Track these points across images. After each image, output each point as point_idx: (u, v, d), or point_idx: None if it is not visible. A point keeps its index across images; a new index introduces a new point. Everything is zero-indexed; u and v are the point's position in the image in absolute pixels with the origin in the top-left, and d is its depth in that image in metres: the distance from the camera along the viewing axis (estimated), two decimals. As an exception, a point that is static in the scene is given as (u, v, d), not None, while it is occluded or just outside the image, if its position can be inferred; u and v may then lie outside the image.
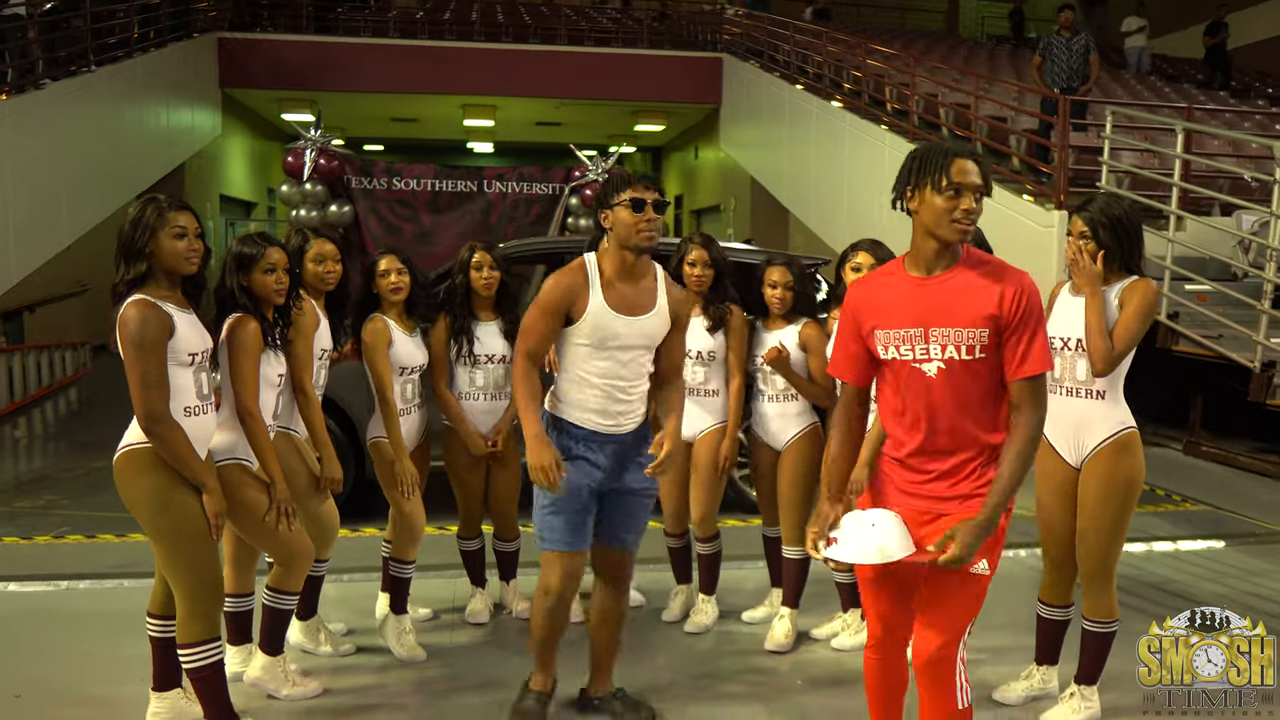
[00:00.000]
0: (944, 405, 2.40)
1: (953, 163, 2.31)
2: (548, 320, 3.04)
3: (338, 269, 3.74)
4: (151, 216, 2.86)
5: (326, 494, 3.57)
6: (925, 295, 2.40)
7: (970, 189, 2.31)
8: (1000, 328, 2.35)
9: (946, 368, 2.38)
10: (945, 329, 2.37)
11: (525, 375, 3.04)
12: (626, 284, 3.07)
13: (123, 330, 2.80)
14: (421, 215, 11.37)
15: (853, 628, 4.01)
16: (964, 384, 2.39)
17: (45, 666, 3.77)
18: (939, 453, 2.44)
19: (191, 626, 2.91)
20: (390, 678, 3.71)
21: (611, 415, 3.11)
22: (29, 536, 5.58)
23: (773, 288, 3.89)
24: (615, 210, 3.02)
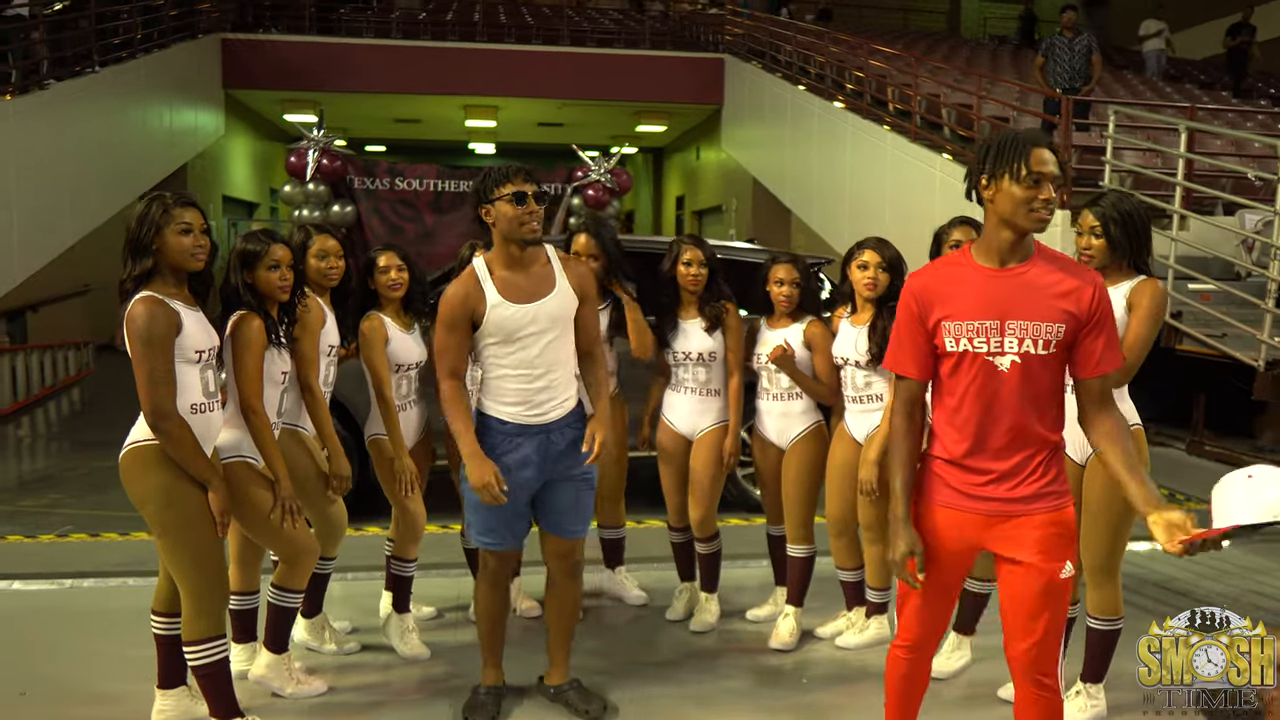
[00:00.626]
0: (1012, 401, 2.33)
1: (1032, 152, 2.26)
2: (455, 334, 3.09)
3: (340, 265, 3.74)
4: (157, 213, 2.86)
5: (339, 494, 3.58)
6: (1000, 287, 2.33)
7: (1049, 178, 2.27)
8: (1079, 324, 2.31)
9: (1022, 362, 2.31)
10: (1023, 322, 2.30)
11: (453, 395, 3.10)
12: (518, 274, 3.11)
13: (130, 327, 2.80)
14: (424, 215, 11.39)
15: (857, 626, 4.01)
16: (1037, 379, 2.33)
17: (50, 664, 3.77)
18: (1000, 451, 2.37)
19: (197, 624, 2.92)
20: (394, 676, 3.72)
21: (536, 405, 3.14)
22: (33, 535, 5.58)
23: (779, 285, 3.89)
24: (496, 205, 3.06)
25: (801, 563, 4.01)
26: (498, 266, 3.13)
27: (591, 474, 3.31)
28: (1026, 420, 2.34)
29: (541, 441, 3.17)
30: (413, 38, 17.38)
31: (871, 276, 3.67)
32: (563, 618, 3.41)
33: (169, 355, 2.82)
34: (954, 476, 2.42)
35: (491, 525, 3.22)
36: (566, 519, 3.30)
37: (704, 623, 4.16)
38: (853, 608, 4.07)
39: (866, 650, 3.94)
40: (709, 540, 4.15)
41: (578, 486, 3.29)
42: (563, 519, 3.30)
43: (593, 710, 3.35)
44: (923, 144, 10.67)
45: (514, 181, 3.04)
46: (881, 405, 3.74)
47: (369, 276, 3.81)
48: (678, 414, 4.09)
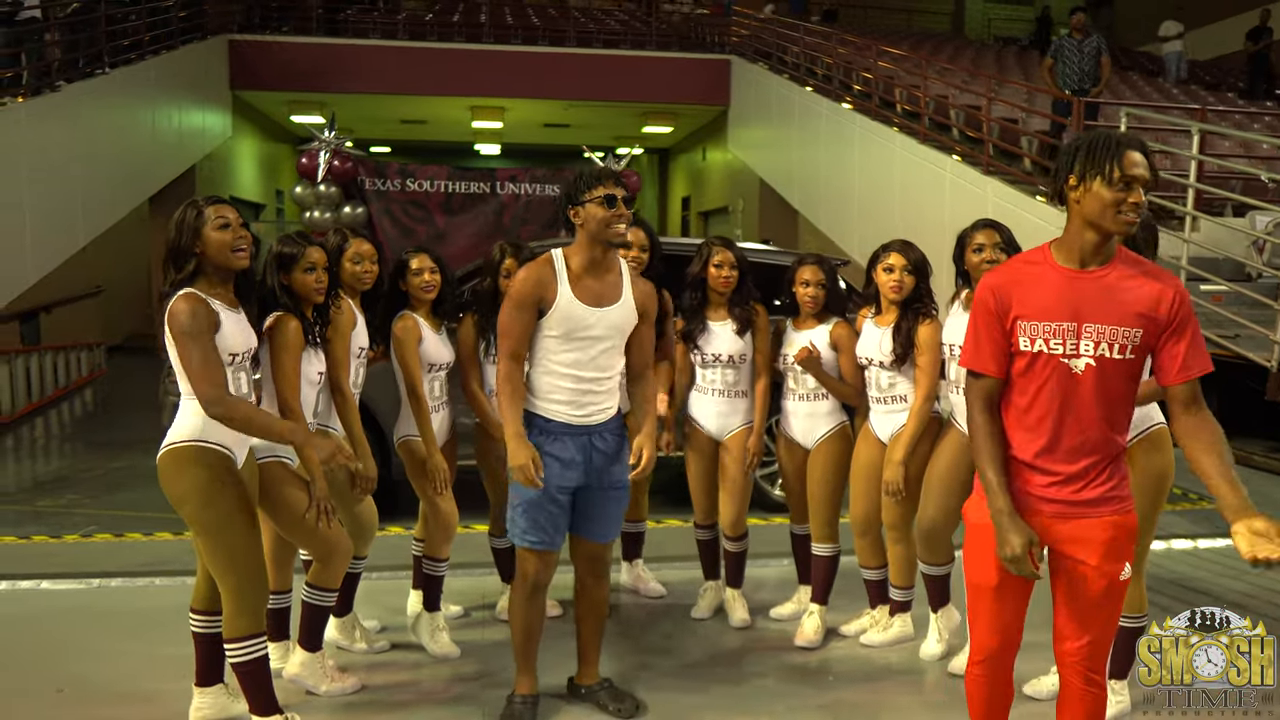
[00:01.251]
0: (1085, 404, 2.33)
1: (1124, 155, 2.25)
2: (522, 315, 3.13)
3: (374, 269, 3.78)
4: (191, 216, 2.90)
5: (364, 493, 3.61)
6: (1080, 289, 2.31)
7: (1140, 181, 2.25)
8: (1159, 329, 2.29)
9: (1097, 365, 2.31)
10: (1100, 325, 2.29)
11: (509, 375, 3.14)
12: (593, 277, 3.16)
13: (172, 322, 2.83)
14: (435, 216, 11.43)
15: (881, 624, 4.05)
16: (1111, 383, 2.33)
17: (82, 663, 3.81)
18: (1070, 454, 2.37)
19: (238, 621, 2.95)
20: (425, 674, 3.75)
21: (582, 406, 3.18)
22: (58, 535, 5.62)
23: (805, 286, 3.92)
24: (587, 207, 3.10)
25: (826, 561, 4.04)
26: (575, 264, 3.17)
27: (626, 482, 3.34)
28: (1097, 424, 2.35)
29: (585, 444, 3.21)
30: (419, 39, 17.40)
31: (897, 279, 3.70)
32: (592, 619, 3.44)
33: (212, 343, 2.85)
34: (1022, 477, 2.42)
35: (536, 523, 3.20)
36: (600, 524, 3.33)
37: (742, 619, 4.19)
38: (876, 606, 4.10)
39: (890, 648, 3.97)
40: (739, 539, 4.19)
41: (615, 494, 3.32)
42: (596, 524, 3.32)
43: (625, 709, 3.38)
44: (932, 145, 10.70)
45: (605, 185, 3.10)
46: (905, 406, 3.77)
47: (400, 278, 3.84)
48: (705, 415, 4.12)
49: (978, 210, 9.49)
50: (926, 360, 3.70)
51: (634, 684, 3.62)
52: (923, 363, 3.71)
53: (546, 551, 3.26)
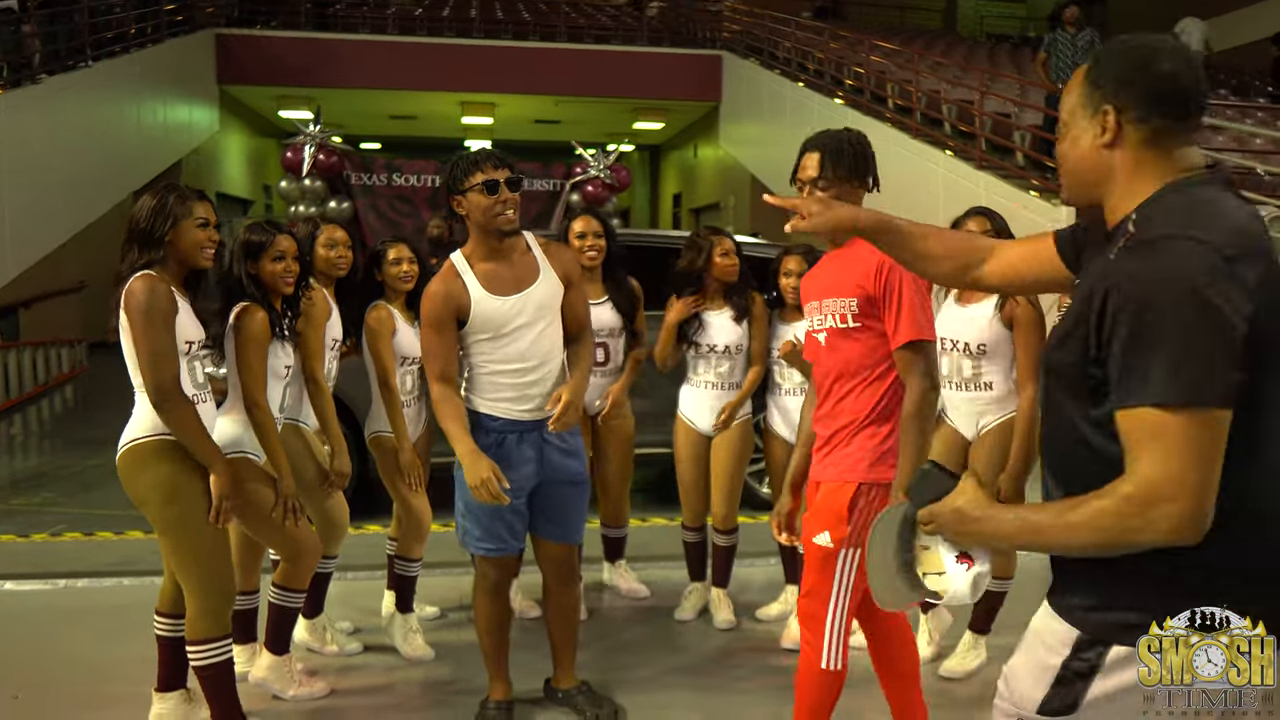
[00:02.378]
0: (828, 372, 2.59)
1: (801, 158, 2.61)
2: (443, 334, 2.93)
3: (349, 255, 3.67)
4: (175, 205, 2.78)
5: (336, 489, 3.49)
6: (827, 268, 2.64)
7: (808, 180, 2.59)
8: (874, 298, 2.47)
9: (829, 335, 2.56)
10: (831, 299, 2.56)
11: (444, 397, 2.92)
12: (500, 265, 2.96)
13: (130, 301, 2.71)
14: (421, 211, 11.31)
15: (870, 626, 3.93)
16: (843, 352, 2.54)
17: (44, 667, 3.68)
18: (823, 420, 2.61)
19: (201, 623, 2.83)
20: (398, 678, 3.63)
21: (528, 400, 3.01)
22: (25, 534, 5.48)
23: (787, 276, 3.81)
24: (468, 196, 2.90)
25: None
26: (477, 259, 2.97)
27: (584, 476, 3.20)
28: (838, 392, 2.57)
29: (536, 439, 3.04)
30: (409, 33, 17.27)
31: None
32: (562, 623, 3.30)
33: (171, 331, 2.73)
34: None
35: (492, 530, 3.04)
36: (560, 524, 3.17)
37: (727, 620, 4.08)
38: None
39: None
40: (729, 533, 4.09)
41: (573, 490, 3.16)
42: (557, 525, 3.17)
43: (603, 714, 3.25)
44: (924, 140, 10.60)
45: (484, 169, 2.88)
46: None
47: (376, 268, 3.73)
48: (699, 411, 4.01)
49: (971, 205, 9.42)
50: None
51: (613, 687, 3.50)
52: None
53: (503, 557, 3.12)
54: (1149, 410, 1.34)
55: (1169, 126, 1.47)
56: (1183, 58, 1.48)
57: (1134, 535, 1.37)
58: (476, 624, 3.24)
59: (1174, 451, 1.33)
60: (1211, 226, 1.38)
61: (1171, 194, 1.45)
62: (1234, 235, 1.38)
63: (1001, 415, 3.47)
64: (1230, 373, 1.33)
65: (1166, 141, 1.47)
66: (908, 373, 2.45)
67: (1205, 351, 1.33)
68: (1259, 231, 1.43)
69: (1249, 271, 1.35)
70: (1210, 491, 1.35)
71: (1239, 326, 1.33)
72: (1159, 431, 1.34)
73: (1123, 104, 1.47)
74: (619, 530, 4.37)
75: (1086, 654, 1.49)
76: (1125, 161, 1.49)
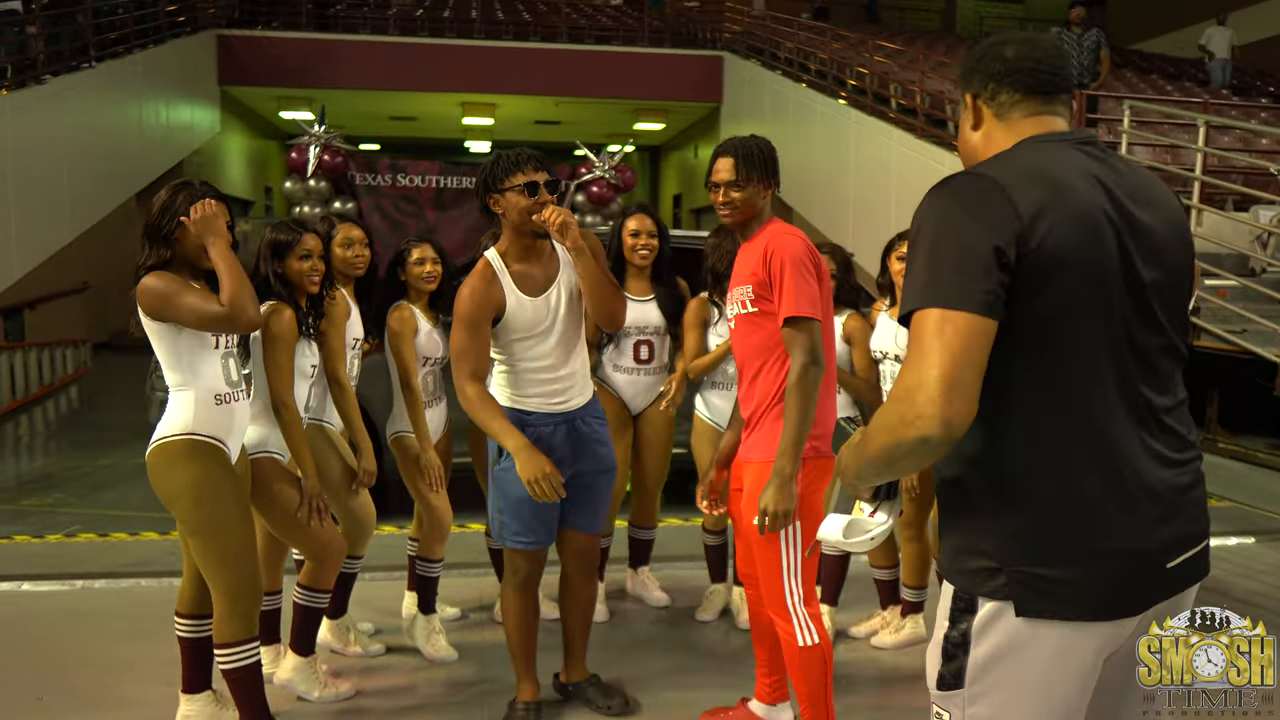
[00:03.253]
0: (738, 358, 2.90)
1: (714, 162, 2.88)
2: (479, 333, 2.93)
3: (366, 254, 3.65)
4: (183, 203, 2.75)
5: (362, 488, 3.48)
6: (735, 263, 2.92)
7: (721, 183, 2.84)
8: (765, 281, 2.70)
9: (735, 322, 2.84)
10: (734, 288, 2.85)
11: (482, 396, 2.92)
12: (533, 265, 3.01)
13: (142, 298, 2.69)
14: (426, 211, 11.33)
15: (892, 625, 3.93)
16: (748, 337, 2.80)
17: (65, 669, 3.66)
18: (742, 402, 2.90)
19: (230, 625, 2.81)
20: (422, 678, 3.62)
21: (560, 394, 3.05)
22: (40, 535, 5.45)
23: None
24: (506, 195, 2.91)
25: (836, 560, 3.92)
26: (511, 259, 3.00)
27: (611, 468, 3.21)
28: (749, 376, 2.84)
29: (567, 431, 3.07)
30: (410, 34, 17.24)
31: (912, 268, 3.59)
32: (578, 614, 3.30)
33: (184, 307, 2.67)
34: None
35: (529, 524, 3.05)
36: (586, 513, 3.19)
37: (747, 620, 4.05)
38: (887, 606, 3.98)
39: (902, 651, 3.86)
40: None
41: (601, 480, 3.19)
42: (583, 514, 3.18)
43: (615, 706, 3.27)
44: (929, 140, 10.60)
45: (525, 170, 2.90)
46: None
47: (400, 268, 3.71)
48: (720, 413, 3.97)
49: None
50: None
51: (634, 685, 3.50)
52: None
53: (539, 550, 3.13)
54: (913, 319, 1.45)
55: (1015, 99, 1.61)
56: (1029, 44, 1.64)
57: (898, 432, 1.42)
58: (505, 622, 3.22)
59: (925, 351, 1.41)
60: (1007, 166, 1.51)
61: (1013, 149, 1.58)
62: (1024, 173, 1.49)
63: None
64: (979, 281, 1.41)
65: (1014, 113, 1.62)
66: (790, 347, 2.66)
67: (952, 260, 1.43)
68: (1067, 177, 1.50)
69: (1022, 199, 1.44)
70: (962, 389, 1.39)
71: (991, 239, 1.42)
72: (917, 335, 1.43)
73: (976, 89, 1.64)
74: (648, 532, 4.33)
75: (960, 623, 1.53)
76: (983, 136, 1.65)
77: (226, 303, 2.67)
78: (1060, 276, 1.44)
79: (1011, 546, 1.49)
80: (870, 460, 1.51)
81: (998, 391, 1.44)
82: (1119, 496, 1.49)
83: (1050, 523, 1.48)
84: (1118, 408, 1.50)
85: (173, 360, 2.77)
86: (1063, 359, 1.46)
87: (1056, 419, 1.47)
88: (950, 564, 1.56)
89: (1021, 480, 1.48)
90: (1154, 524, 1.52)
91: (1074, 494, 1.48)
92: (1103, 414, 1.48)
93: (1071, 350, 1.46)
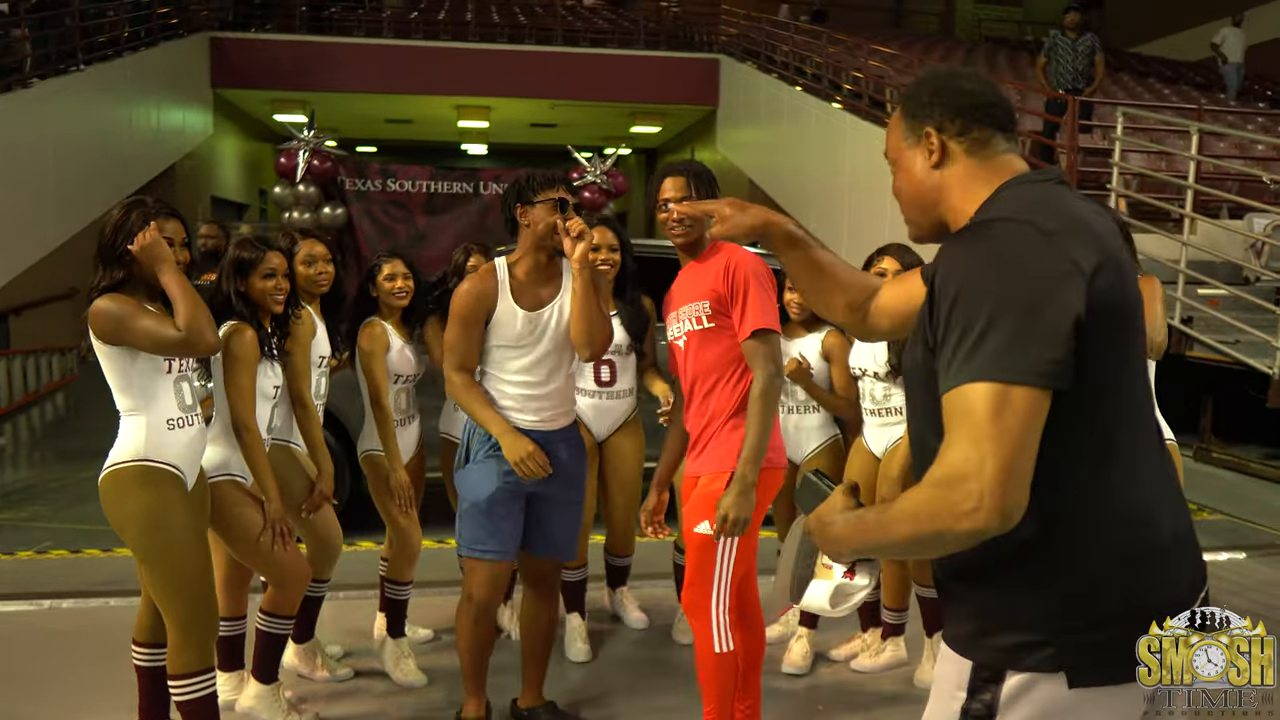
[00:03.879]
0: (687, 374, 2.93)
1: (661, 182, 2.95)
2: (471, 330, 2.99)
3: (330, 270, 3.56)
4: (136, 222, 2.67)
5: (328, 510, 3.40)
6: (683, 279, 2.96)
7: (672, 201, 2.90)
8: (725, 296, 2.77)
9: (686, 339, 2.87)
10: (685, 305, 2.87)
11: (467, 385, 3.01)
12: (538, 280, 3.04)
13: (95, 322, 2.62)
14: (416, 217, 11.21)
15: (872, 649, 3.85)
16: (701, 352, 2.85)
17: (21, 693, 3.57)
18: (692, 417, 2.94)
19: (184, 656, 2.73)
20: (390, 704, 3.53)
21: (536, 412, 3.05)
22: (11, 551, 5.37)
23: (790, 291, 3.72)
24: (536, 208, 2.97)
25: (815, 583, 3.84)
26: (520, 270, 3.03)
27: (579, 494, 3.20)
28: (700, 392, 2.88)
29: (542, 449, 3.02)
30: (404, 37, 17.21)
31: (891, 285, 3.51)
32: (536, 639, 3.26)
33: (141, 332, 2.61)
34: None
35: (488, 530, 3.01)
36: (550, 538, 3.15)
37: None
38: (868, 629, 3.90)
39: (883, 674, 3.78)
40: None
41: (569, 507, 3.17)
42: (548, 539, 3.15)
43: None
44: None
45: (559, 189, 2.97)
46: (901, 419, 3.57)
47: (370, 284, 3.63)
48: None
49: (970, 212, 9.33)
50: (922, 371, 3.51)
51: (601, 707, 3.42)
52: (918, 374, 3.52)
53: (498, 563, 3.06)
54: (958, 390, 1.28)
55: (989, 135, 1.50)
56: (978, 78, 1.55)
57: (942, 521, 1.27)
58: (459, 643, 3.16)
59: (979, 435, 1.25)
60: (1041, 212, 1.37)
61: (1008, 190, 1.46)
62: (1061, 219, 1.36)
63: None
64: (1047, 350, 1.26)
65: (988, 150, 1.50)
66: (753, 359, 2.73)
67: (1012, 326, 1.26)
68: (1095, 221, 1.40)
69: (1077, 250, 1.31)
70: (1020, 477, 1.26)
71: (1060, 299, 1.28)
72: (965, 411, 1.27)
73: (941, 122, 1.51)
74: (624, 559, 4.25)
75: (983, 694, 1.40)
76: (956, 174, 1.51)
77: (183, 327, 2.60)
78: (1114, 329, 1.33)
79: (1059, 614, 1.36)
80: (892, 544, 1.37)
81: (1043, 454, 1.29)
82: (1162, 543, 1.41)
83: (1105, 583, 1.36)
84: (1151, 450, 1.41)
85: (124, 384, 2.69)
86: (1111, 411, 1.35)
87: (1108, 472, 1.35)
88: (971, 640, 1.41)
89: (1072, 542, 1.35)
90: (1184, 565, 1.45)
91: (1127, 549, 1.37)
92: (1145, 460, 1.40)
93: (1117, 399, 1.36)
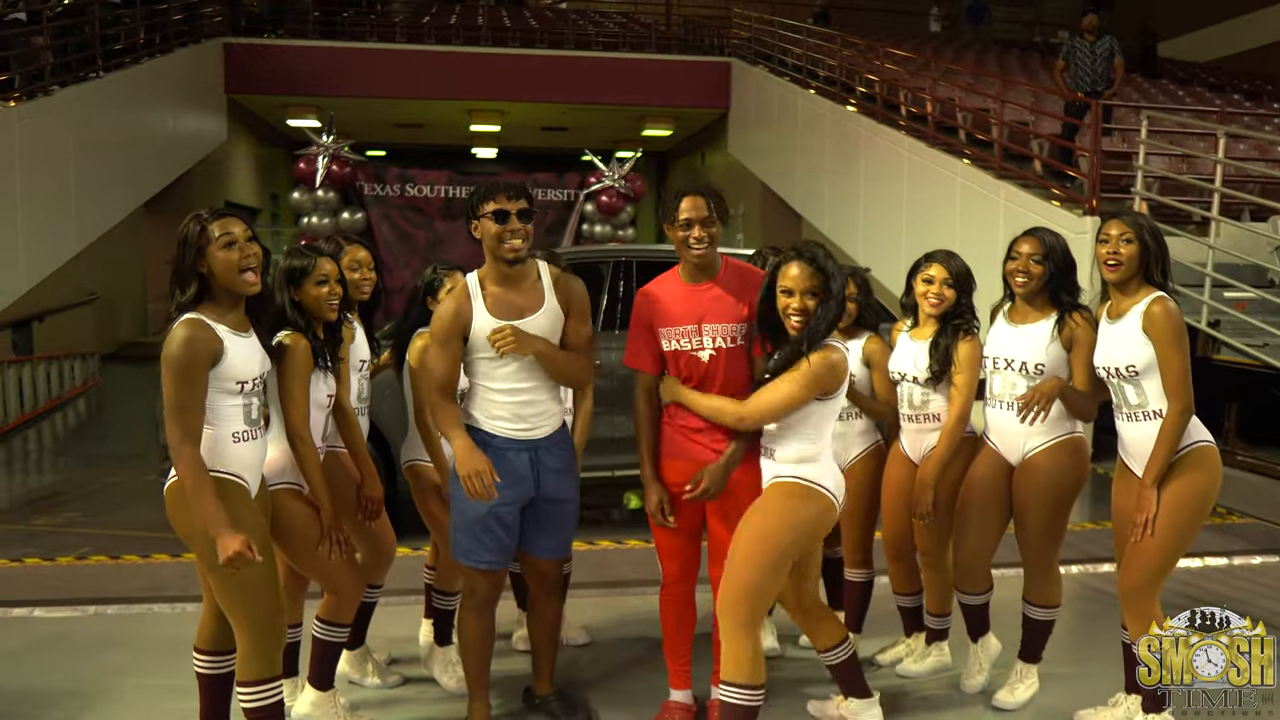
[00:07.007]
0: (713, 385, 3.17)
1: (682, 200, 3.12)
2: (448, 349, 3.06)
3: (372, 276, 3.59)
4: (194, 233, 2.67)
5: (382, 515, 3.43)
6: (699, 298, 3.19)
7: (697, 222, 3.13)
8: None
9: (717, 354, 3.12)
10: (716, 324, 3.15)
11: (442, 404, 3.06)
12: (510, 290, 3.09)
13: (165, 350, 2.62)
14: (435, 222, 11.26)
15: (917, 653, 3.87)
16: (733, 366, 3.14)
17: (71, 702, 3.60)
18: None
19: (252, 664, 2.75)
20: (441, 711, 3.56)
21: (523, 420, 3.12)
22: (51, 557, 5.41)
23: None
24: (482, 221, 3.03)
25: (859, 587, 3.87)
26: (489, 282, 3.10)
27: (573, 496, 3.29)
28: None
29: (531, 457, 3.13)
30: (416, 41, 17.25)
31: (937, 292, 3.52)
32: (544, 634, 3.42)
33: (199, 385, 2.61)
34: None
35: (481, 541, 3.11)
36: (547, 540, 3.26)
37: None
38: (912, 633, 3.92)
39: (928, 679, 3.79)
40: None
41: (563, 509, 3.25)
42: (544, 539, 3.25)
43: (577, 719, 3.37)
44: (941, 148, 10.52)
45: (496, 199, 3.00)
46: (938, 425, 3.58)
47: (430, 295, 3.63)
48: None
49: (990, 215, 9.33)
50: (963, 379, 3.51)
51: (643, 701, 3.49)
52: (959, 381, 3.51)
53: (493, 572, 3.18)
54: None
55: None
56: None
57: None
58: (459, 641, 3.30)
59: None
60: None
61: None
62: None
63: (1049, 439, 3.37)
64: None
65: None
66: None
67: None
68: None
69: None
70: None
71: None
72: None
73: None
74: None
75: None
76: None
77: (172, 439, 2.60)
78: None
79: None
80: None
81: None
82: None
83: None
84: None
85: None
86: None
87: None
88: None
89: None
90: None
91: None
92: None
93: None
